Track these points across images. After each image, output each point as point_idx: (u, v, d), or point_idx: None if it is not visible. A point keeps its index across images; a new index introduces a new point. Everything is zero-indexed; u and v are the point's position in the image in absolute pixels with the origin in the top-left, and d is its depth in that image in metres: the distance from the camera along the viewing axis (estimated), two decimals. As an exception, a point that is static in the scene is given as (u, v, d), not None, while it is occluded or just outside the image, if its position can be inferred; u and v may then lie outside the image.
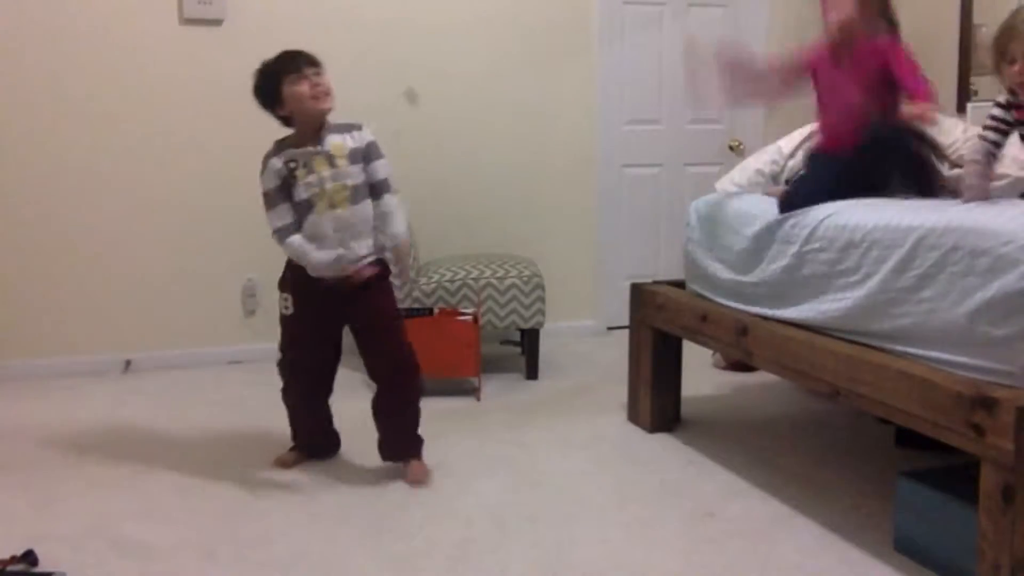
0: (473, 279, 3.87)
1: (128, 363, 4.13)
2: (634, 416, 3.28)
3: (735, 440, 3.13)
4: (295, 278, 2.72)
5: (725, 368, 4.08)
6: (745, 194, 3.11)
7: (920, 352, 2.14)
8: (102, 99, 4.02)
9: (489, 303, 3.86)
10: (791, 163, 3.21)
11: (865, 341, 2.31)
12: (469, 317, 3.69)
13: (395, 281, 2.83)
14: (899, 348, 2.20)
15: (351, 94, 4.30)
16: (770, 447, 3.06)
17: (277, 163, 2.63)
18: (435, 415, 3.40)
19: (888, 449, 3.01)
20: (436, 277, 3.87)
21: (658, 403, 3.19)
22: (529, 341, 3.99)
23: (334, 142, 2.65)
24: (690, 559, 2.25)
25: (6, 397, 3.69)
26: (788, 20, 4.99)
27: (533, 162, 4.68)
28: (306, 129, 2.65)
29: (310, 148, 2.63)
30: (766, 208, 2.77)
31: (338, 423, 2.96)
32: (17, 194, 3.96)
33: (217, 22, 4.12)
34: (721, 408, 3.53)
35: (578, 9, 4.65)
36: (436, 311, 3.71)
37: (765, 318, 2.67)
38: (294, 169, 2.61)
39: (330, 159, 2.63)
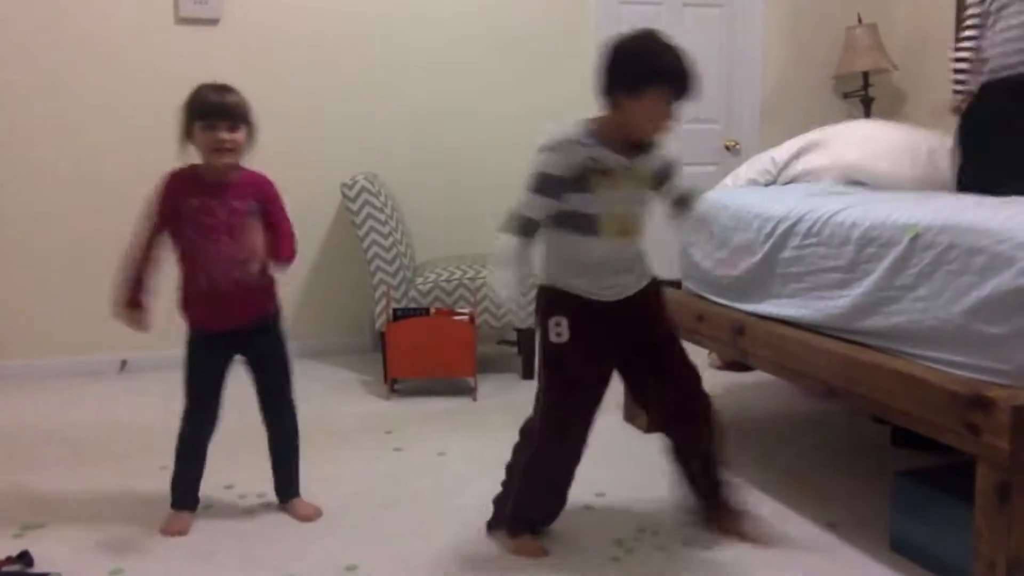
0: (470, 279, 3.87)
1: (124, 363, 4.12)
2: (630, 416, 3.28)
3: (731, 439, 3.13)
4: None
5: (721, 367, 4.08)
6: (741, 192, 3.11)
7: (916, 351, 2.14)
8: (98, 98, 4.01)
9: (485, 303, 3.86)
10: (784, 172, 3.22)
11: (861, 340, 2.31)
12: (465, 317, 3.69)
13: None
14: (895, 347, 2.20)
15: (350, 94, 4.35)
16: (766, 446, 3.07)
17: (583, 151, 2.16)
18: (431, 415, 3.40)
19: (884, 448, 3.02)
20: (433, 277, 3.87)
21: (655, 403, 3.19)
22: (525, 341, 3.99)
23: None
24: (689, 558, 2.25)
25: (4, 397, 3.68)
26: (783, 20, 5.00)
27: (531, 162, 4.66)
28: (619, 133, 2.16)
29: (622, 157, 2.18)
30: (762, 206, 2.77)
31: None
32: (14, 194, 3.95)
33: (213, 21, 4.11)
34: (717, 407, 3.52)
35: (575, 9, 4.65)
36: (432, 311, 3.71)
37: (761, 316, 2.67)
38: (593, 170, 2.14)
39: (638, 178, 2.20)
